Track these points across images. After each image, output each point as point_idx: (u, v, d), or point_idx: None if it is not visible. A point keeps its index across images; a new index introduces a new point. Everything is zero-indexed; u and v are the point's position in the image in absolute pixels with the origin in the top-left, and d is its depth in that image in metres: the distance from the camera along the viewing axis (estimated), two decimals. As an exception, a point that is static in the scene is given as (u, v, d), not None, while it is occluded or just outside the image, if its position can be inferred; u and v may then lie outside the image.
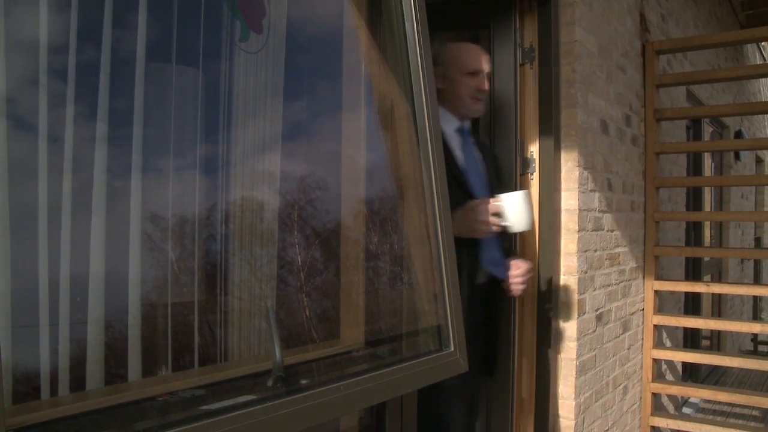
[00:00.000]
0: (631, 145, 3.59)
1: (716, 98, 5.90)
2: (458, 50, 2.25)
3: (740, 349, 7.75)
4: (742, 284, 6.61)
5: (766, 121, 9.48)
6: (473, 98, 2.24)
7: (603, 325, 3.20)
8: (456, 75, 2.22)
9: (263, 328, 1.65)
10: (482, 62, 2.23)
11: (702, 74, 4.80)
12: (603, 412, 3.26)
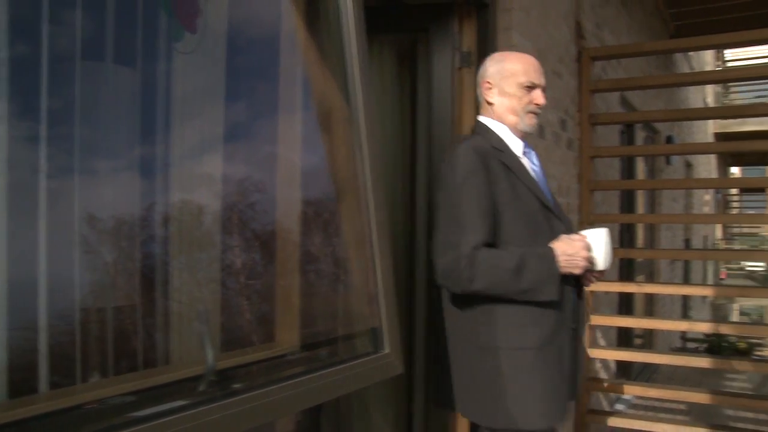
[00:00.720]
0: (567, 149, 3.66)
1: (648, 104, 6.07)
2: (513, 62, 2.09)
3: (670, 346, 7.98)
4: (672, 284, 6.83)
5: (693, 128, 9.81)
6: (530, 113, 2.07)
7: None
8: (511, 89, 2.06)
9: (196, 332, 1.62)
10: (540, 75, 2.11)
11: (635, 81, 4.93)
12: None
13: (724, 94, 15.29)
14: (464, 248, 1.86)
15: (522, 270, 1.85)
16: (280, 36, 1.95)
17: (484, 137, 2.05)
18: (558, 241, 1.93)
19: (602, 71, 4.43)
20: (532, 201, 1.98)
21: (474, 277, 1.85)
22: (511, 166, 1.98)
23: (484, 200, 1.90)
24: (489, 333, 1.95)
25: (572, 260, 1.91)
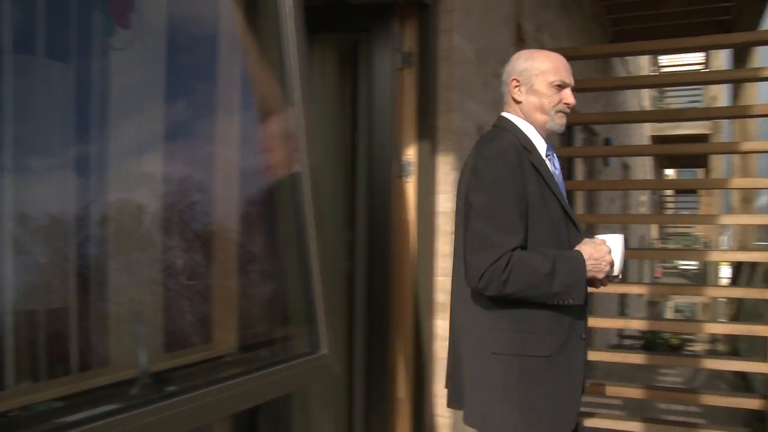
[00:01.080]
0: (505, 150, 3.70)
1: (587, 107, 6.19)
2: (543, 61, 2.02)
3: (608, 343, 8.15)
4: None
5: (630, 130, 10.06)
6: (559, 112, 2.01)
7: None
8: (542, 87, 1.99)
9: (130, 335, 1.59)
10: (569, 74, 2.04)
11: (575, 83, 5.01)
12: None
13: (659, 99, 15.72)
14: (504, 249, 1.82)
15: (555, 273, 1.82)
16: (218, 34, 1.93)
17: (513, 134, 2.01)
18: (584, 245, 1.92)
19: (542, 74, 4.49)
20: (555, 205, 1.95)
21: (510, 279, 1.80)
22: (538, 167, 1.94)
23: (520, 200, 1.87)
24: (501, 339, 1.91)
25: (598, 264, 1.89)
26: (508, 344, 1.89)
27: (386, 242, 2.79)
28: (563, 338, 1.91)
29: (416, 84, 2.87)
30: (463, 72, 3.01)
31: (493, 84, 3.46)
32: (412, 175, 2.86)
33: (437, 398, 2.93)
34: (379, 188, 2.80)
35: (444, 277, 2.89)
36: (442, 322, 2.90)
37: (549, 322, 1.89)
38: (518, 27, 3.96)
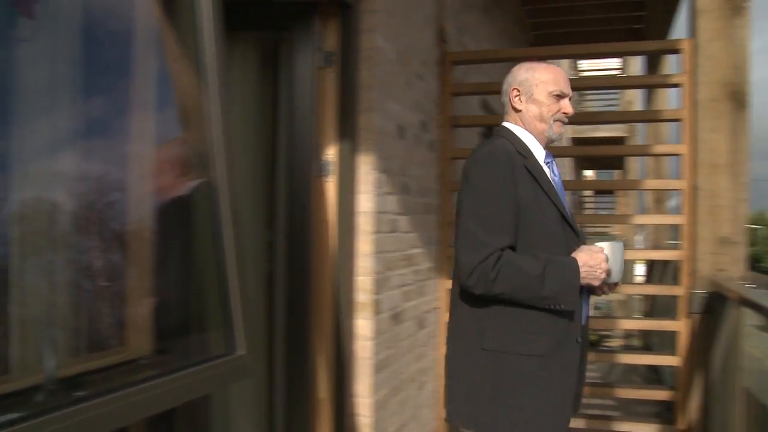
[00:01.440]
0: (428, 150, 3.74)
1: (508, 109, 6.31)
2: (543, 71, 2.09)
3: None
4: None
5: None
6: (558, 121, 2.09)
7: (399, 324, 3.29)
8: (542, 96, 2.06)
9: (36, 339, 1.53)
10: (568, 85, 2.11)
11: (495, 85, 5.06)
12: (400, 408, 3.35)
13: (578, 102, 16.16)
14: (493, 248, 1.86)
15: (546, 277, 1.86)
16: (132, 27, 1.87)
17: (510, 140, 2.06)
18: (580, 252, 1.96)
19: (464, 75, 4.56)
20: (552, 210, 1.99)
21: (498, 279, 1.84)
22: (534, 172, 1.98)
23: (511, 202, 1.91)
24: (495, 337, 1.94)
25: (592, 272, 1.93)
26: (501, 342, 1.93)
27: (306, 242, 2.78)
28: (557, 339, 1.94)
29: (337, 84, 2.86)
30: (384, 72, 3.02)
31: (414, 84, 3.48)
32: (333, 175, 2.85)
33: (358, 398, 2.94)
34: (299, 188, 2.78)
35: (364, 276, 2.89)
36: (363, 322, 2.91)
37: (543, 323, 1.91)
38: (440, 28, 4.00)
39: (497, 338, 1.93)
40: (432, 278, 3.84)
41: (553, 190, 2.02)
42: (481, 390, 1.94)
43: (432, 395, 3.95)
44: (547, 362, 1.92)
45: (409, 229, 3.40)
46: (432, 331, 3.89)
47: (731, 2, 3.59)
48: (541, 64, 2.14)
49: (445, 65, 4.02)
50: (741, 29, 3.60)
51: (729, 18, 3.60)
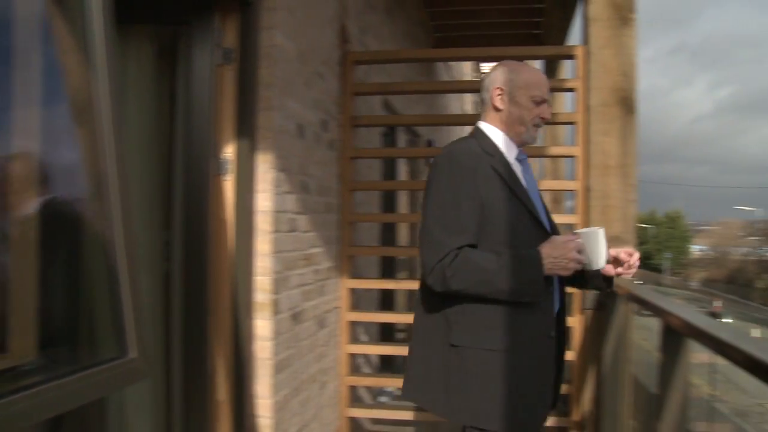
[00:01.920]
0: (328, 150, 3.74)
1: (411, 109, 6.39)
2: (528, 75, 2.12)
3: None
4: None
5: (453, 133, 10.49)
6: (535, 126, 2.14)
7: (299, 324, 3.28)
8: (523, 100, 2.10)
9: None
10: (548, 90, 2.15)
11: (396, 85, 5.17)
12: (301, 408, 3.34)
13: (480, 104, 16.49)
14: (449, 248, 1.91)
15: (503, 271, 1.89)
16: (12, 16, 1.79)
17: (478, 141, 2.10)
18: (545, 244, 1.97)
19: (366, 75, 4.58)
20: (519, 207, 2.02)
21: (454, 276, 1.89)
22: (500, 171, 2.02)
23: (471, 202, 1.95)
24: (461, 332, 1.98)
25: (558, 262, 1.94)
26: (468, 338, 1.98)
27: (204, 242, 2.74)
28: (525, 334, 1.98)
29: (236, 81, 2.83)
30: (284, 70, 3.00)
31: (315, 83, 3.48)
32: (231, 174, 2.81)
33: (258, 399, 2.91)
34: (196, 187, 2.74)
35: (262, 276, 2.87)
36: (262, 322, 2.89)
37: (510, 318, 1.96)
38: (342, 28, 4.01)
39: (465, 334, 1.99)
40: (332, 278, 3.85)
41: (522, 188, 2.06)
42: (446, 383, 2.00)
43: (334, 394, 3.96)
44: (513, 357, 1.96)
45: (309, 229, 3.40)
46: (333, 331, 3.90)
47: (620, 13, 3.76)
48: (525, 66, 2.18)
49: (346, 65, 4.03)
50: (629, 38, 3.78)
51: (618, 27, 3.77)
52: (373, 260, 5.05)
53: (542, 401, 2.06)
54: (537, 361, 2.02)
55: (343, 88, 4.01)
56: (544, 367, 2.05)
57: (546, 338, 2.05)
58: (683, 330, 2.08)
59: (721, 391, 15.08)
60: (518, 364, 1.97)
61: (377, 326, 5.31)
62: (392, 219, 5.90)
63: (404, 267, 6.94)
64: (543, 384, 2.05)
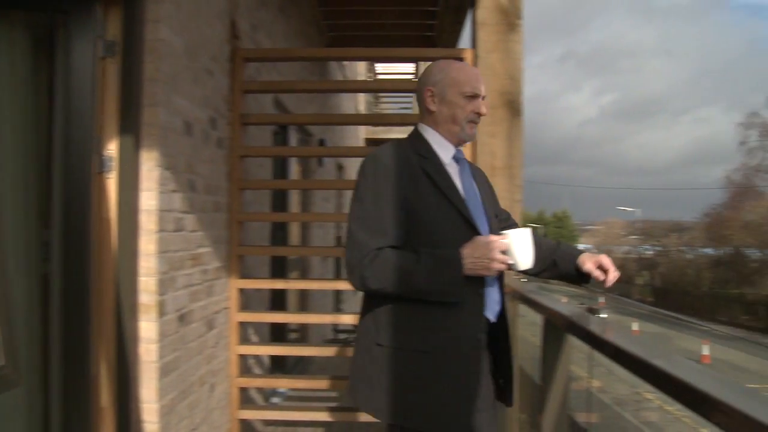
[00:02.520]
0: (217, 148, 3.67)
1: (303, 108, 6.36)
2: (457, 72, 2.09)
3: (324, 338, 8.44)
4: (323, 279, 7.25)
5: (346, 132, 10.54)
6: (470, 122, 2.10)
7: (186, 326, 3.21)
8: (454, 98, 2.08)
9: None
10: (482, 85, 2.11)
11: (287, 84, 5.14)
12: (190, 411, 3.28)
13: (374, 104, 16.65)
14: (369, 248, 1.93)
15: (420, 271, 1.90)
16: None
17: (411, 142, 2.11)
18: (468, 243, 1.95)
19: (257, 73, 4.53)
20: (449, 209, 2.01)
21: (371, 276, 1.92)
22: (431, 172, 2.02)
23: (393, 204, 1.96)
24: (388, 333, 2.00)
25: (479, 262, 1.92)
26: (393, 337, 1.99)
27: (85, 242, 2.62)
28: (450, 335, 1.97)
29: (120, 75, 2.73)
30: (170, 65, 2.92)
31: (203, 80, 3.41)
32: (114, 171, 2.71)
33: (144, 404, 2.83)
34: (77, 184, 2.62)
35: (147, 277, 2.79)
36: (147, 324, 2.81)
37: (432, 318, 1.97)
38: (233, 24, 3.95)
39: (389, 334, 2.01)
40: (221, 278, 3.79)
41: (453, 189, 2.06)
42: (379, 380, 2.01)
43: (224, 396, 3.90)
44: (436, 358, 1.97)
45: (197, 228, 3.33)
46: (222, 332, 3.83)
47: (507, 19, 3.89)
48: (454, 63, 2.16)
49: (236, 62, 3.97)
50: (516, 43, 3.91)
51: (505, 32, 3.89)
52: (263, 260, 4.99)
53: (471, 401, 2.03)
54: (463, 362, 2.01)
55: (232, 86, 3.94)
56: (472, 368, 2.03)
57: (474, 340, 2.03)
58: (562, 325, 2.17)
59: (603, 383, 15.83)
60: (441, 364, 1.98)
61: (268, 327, 5.26)
62: (283, 218, 5.85)
63: (296, 267, 6.91)
64: (471, 384, 2.03)
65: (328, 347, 5.22)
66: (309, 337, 7.55)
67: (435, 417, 1.97)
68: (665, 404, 14.21)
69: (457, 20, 6.87)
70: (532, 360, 3.32)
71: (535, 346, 2.48)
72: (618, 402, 14.75)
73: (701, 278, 39.49)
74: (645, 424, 13.21)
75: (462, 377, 2.00)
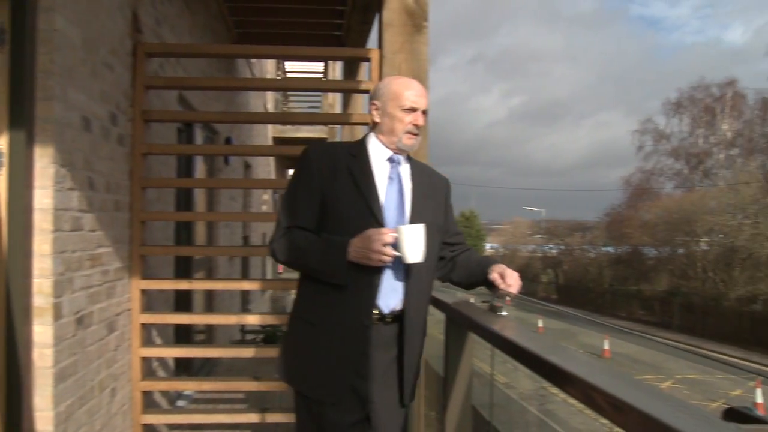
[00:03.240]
0: (117, 145, 3.54)
1: (209, 106, 6.24)
2: (397, 86, 2.28)
3: (231, 339, 8.31)
4: (229, 279, 7.13)
5: (253, 131, 10.40)
6: (409, 134, 2.27)
7: (85, 329, 3.10)
8: (394, 111, 2.26)
9: None
10: (421, 99, 2.28)
11: (192, 80, 5.01)
12: (89, 417, 3.17)
13: (283, 102, 16.53)
14: (281, 226, 2.24)
15: (313, 251, 2.17)
16: None
17: (351, 144, 2.35)
18: (359, 235, 2.12)
19: (160, 68, 4.40)
20: (361, 204, 2.19)
21: (278, 249, 2.23)
22: (354, 171, 2.22)
23: (308, 192, 2.21)
24: (296, 304, 2.33)
25: (361, 251, 2.10)
26: (297, 308, 2.32)
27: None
28: (334, 313, 2.19)
29: (9, 67, 2.59)
30: (66, 58, 2.80)
31: (103, 74, 3.29)
32: (3, 168, 2.58)
33: (37, 412, 2.73)
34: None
35: (42, 279, 2.67)
36: (42, 328, 2.70)
37: (323, 296, 2.21)
38: (135, 17, 3.83)
39: (296, 304, 2.33)
40: (123, 278, 3.66)
41: (370, 188, 2.23)
42: (284, 348, 2.35)
43: (126, 401, 3.79)
44: (322, 331, 2.20)
45: (96, 228, 3.21)
46: (124, 334, 3.71)
47: (413, 20, 3.92)
48: (397, 78, 2.36)
49: (138, 56, 3.84)
50: (421, 45, 3.95)
51: (411, 34, 3.93)
52: (168, 260, 4.86)
53: (350, 376, 2.21)
54: (346, 341, 2.19)
55: (134, 81, 3.82)
56: (351, 348, 2.19)
57: (359, 323, 2.19)
58: (464, 323, 2.23)
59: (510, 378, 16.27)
60: (323, 337, 2.20)
61: (173, 328, 5.13)
62: (188, 218, 5.70)
63: (202, 267, 6.77)
64: (352, 361, 2.20)
65: (235, 348, 5.15)
66: (216, 338, 7.42)
67: (312, 383, 2.22)
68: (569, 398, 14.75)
69: (365, 20, 6.89)
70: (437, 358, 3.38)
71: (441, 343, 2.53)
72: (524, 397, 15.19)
73: (602, 276, 41.06)
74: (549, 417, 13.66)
75: (346, 354, 2.19)
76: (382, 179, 2.27)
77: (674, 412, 1.01)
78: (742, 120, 38.20)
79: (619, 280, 39.37)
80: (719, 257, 30.19)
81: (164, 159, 4.61)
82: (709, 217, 29.39)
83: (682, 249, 33.32)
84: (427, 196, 2.37)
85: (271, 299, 14.78)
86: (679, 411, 1.02)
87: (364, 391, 2.21)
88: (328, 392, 2.20)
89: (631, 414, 1.06)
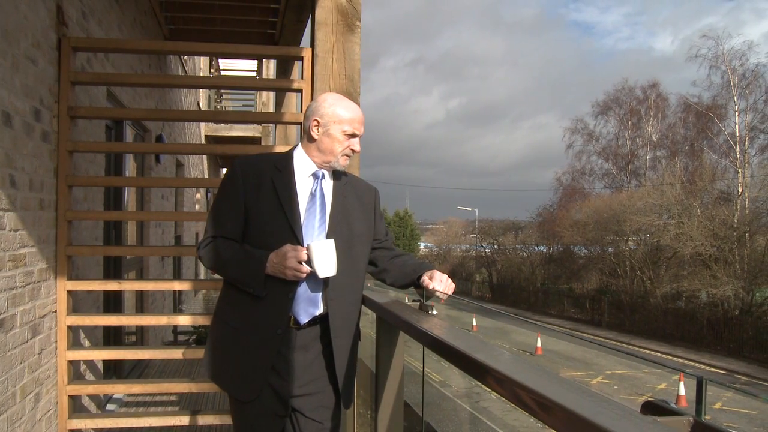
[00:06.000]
0: (42, 141, 3.43)
1: (139, 102, 6.10)
2: (344, 110, 2.33)
3: (163, 340, 8.16)
4: (160, 280, 6.98)
5: (186, 129, 10.23)
6: (345, 155, 2.35)
7: (6, 332, 3.00)
8: (336, 133, 2.32)
9: None
10: (362, 126, 2.37)
11: (122, 77, 4.90)
12: (10, 425, 3.07)
13: (217, 100, 16.29)
14: (208, 236, 2.34)
15: (232, 262, 2.27)
16: None
17: (278, 156, 2.39)
18: (277, 250, 2.21)
19: (87, 63, 4.28)
20: (281, 218, 2.27)
21: (204, 256, 2.33)
22: (277, 185, 2.29)
23: (231, 203, 2.29)
24: (218, 306, 2.42)
25: (277, 267, 2.20)
26: (218, 309, 2.41)
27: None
28: (250, 320, 2.29)
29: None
30: (-16, 50, 2.70)
31: (25, 67, 3.18)
32: None
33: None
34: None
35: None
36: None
37: (242, 302, 2.31)
38: (59, 9, 3.71)
39: (219, 307, 2.41)
40: (48, 279, 3.55)
41: (291, 203, 2.31)
42: (208, 346, 2.42)
43: (52, 406, 3.68)
44: (240, 334, 2.30)
45: (18, 227, 3.10)
46: (49, 337, 3.60)
47: (346, 20, 3.91)
48: (344, 101, 2.39)
49: (63, 50, 3.73)
50: (354, 44, 3.94)
51: (344, 33, 3.92)
52: (96, 260, 4.73)
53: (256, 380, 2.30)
54: (260, 347, 2.29)
55: (59, 76, 3.70)
56: (264, 353, 2.29)
57: (272, 331, 2.28)
58: (394, 322, 2.26)
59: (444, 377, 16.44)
60: (242, 338, 2.30)
61: (102, 330, 5.00)
62: (116, 217, 5.56)
63: (132, 267, 6.62)
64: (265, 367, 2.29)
65: (167, 349, 5.04)
66: (147, 340, 7.27)
67: (233, 381, 2.32)
68: (502, 396, 15.02)
69: (299, 19, 6.85)
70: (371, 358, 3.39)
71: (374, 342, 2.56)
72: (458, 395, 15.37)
73: (535, 275, 41.77)
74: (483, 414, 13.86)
75: (261, 354, 2.29)
76: (304, 195, 2.36)
77: (596, 407, 1.04)
78: (666, 123, 39.46)
79: (551, 278, 40.14)
80: (646, 256, 31.04)
81: (92, 157, 4.49)
82: (637, 217, 30.15)
83: (612, 248, 34.13)
84: (352, 208, 2.45)
85: (204, 299, 14.57)
86: (600, 407, 1.05)
87: (285, 389, 2.31)
88: (249, 390, 2.29)
89: (554, 410, 1.08)
